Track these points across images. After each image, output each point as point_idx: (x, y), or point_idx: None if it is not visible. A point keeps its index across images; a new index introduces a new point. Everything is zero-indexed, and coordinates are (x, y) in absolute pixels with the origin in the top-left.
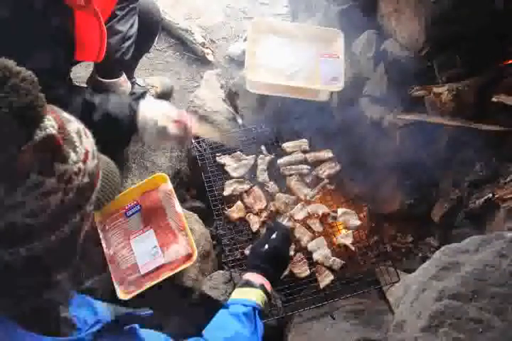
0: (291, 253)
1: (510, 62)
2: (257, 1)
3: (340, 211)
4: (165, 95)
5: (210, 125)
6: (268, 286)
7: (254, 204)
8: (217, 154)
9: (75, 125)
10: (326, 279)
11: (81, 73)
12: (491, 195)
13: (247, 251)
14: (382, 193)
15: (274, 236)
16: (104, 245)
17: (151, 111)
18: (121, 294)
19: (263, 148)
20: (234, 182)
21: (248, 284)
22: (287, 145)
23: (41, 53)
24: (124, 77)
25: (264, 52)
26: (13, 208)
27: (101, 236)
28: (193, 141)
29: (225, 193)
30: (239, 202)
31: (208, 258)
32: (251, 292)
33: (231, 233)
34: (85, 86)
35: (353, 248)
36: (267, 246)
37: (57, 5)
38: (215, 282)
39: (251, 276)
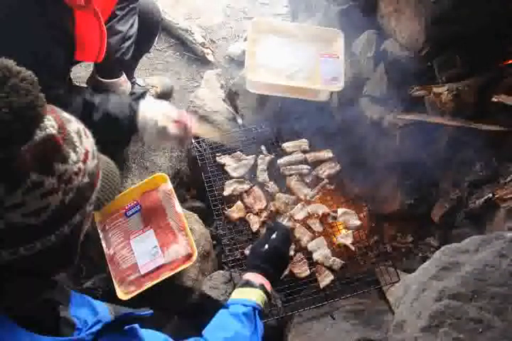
0: (291, 253)
1: (510, 62)
2: (257, 1)
3: (340, 211)
4: (165, 95)
5: (210, 125)
6: (268, 286)
7: (254, 204)
8: (217, 154)
9: (75, 125)
10: (326, 279)
11: (81, 73)
12: (491, 195)
13: (247, 251)
14: (382, 193)
15: (274, 236)
16: (104, 245)
17: (151, 111)
18: (121, 294)
19: (263, 148)
20: (234, 182)
21: (248, 284)
22: (287, 145)
23: (41, 53)
24: (124, 77)
25: (264, 52)
26: (13, 208)
27: (101, 236)
28: (193, 141)
29: (225, 193)
30: (239, 202)
31: (208, 258)
32: (251, 292)
33: (231, 233)
34: (85, 86)
35: (353, 248)
36: (267, 246)
37: (57, 5)
38: (215, 282)
39: (251, 276)
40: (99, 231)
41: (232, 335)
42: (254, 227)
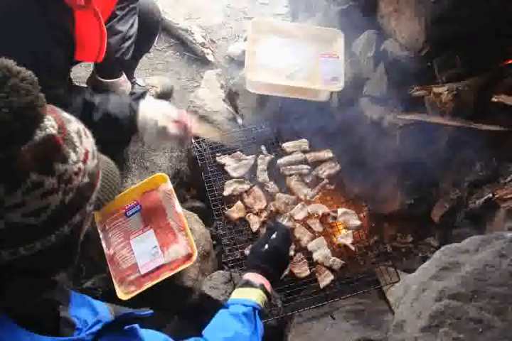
0: (291, 253)
1: (510, 62)
2: (257, 1)
3: (340, 211)
4: (165, 95)
5: (210, 125)
6: (268, 286)
7: (254, 204)
8: (217, 154)
9: (75, 125)
10: (326, 279)
11: (81, 73)
12: (491, 195)
13: (247, 251)
14: (382, 193)
15: (274, 236)
16: (104, 245)
17: (151, 111)
18: (121, 294)
19: (263, 148)
20: (234, 182)
21: (248, 284)
22: (287, 145)
23: (41, 53)
24: (124, 77)
25: (264, 52)
26: (13, 208)
27: (101, 236)
28: (193, 141)
29: (225, 193)
30: (239, 202)
31: (208, 258)
32: (251, 292)
33: (231, 233)
34: (85, 86)
35: (353, 248)
36: (267, 246)
37: (57, 5)
38: (215, 282)
39: (251, 276)
40: (99, 231)
41: (232, 335)
42: (254, 227)
